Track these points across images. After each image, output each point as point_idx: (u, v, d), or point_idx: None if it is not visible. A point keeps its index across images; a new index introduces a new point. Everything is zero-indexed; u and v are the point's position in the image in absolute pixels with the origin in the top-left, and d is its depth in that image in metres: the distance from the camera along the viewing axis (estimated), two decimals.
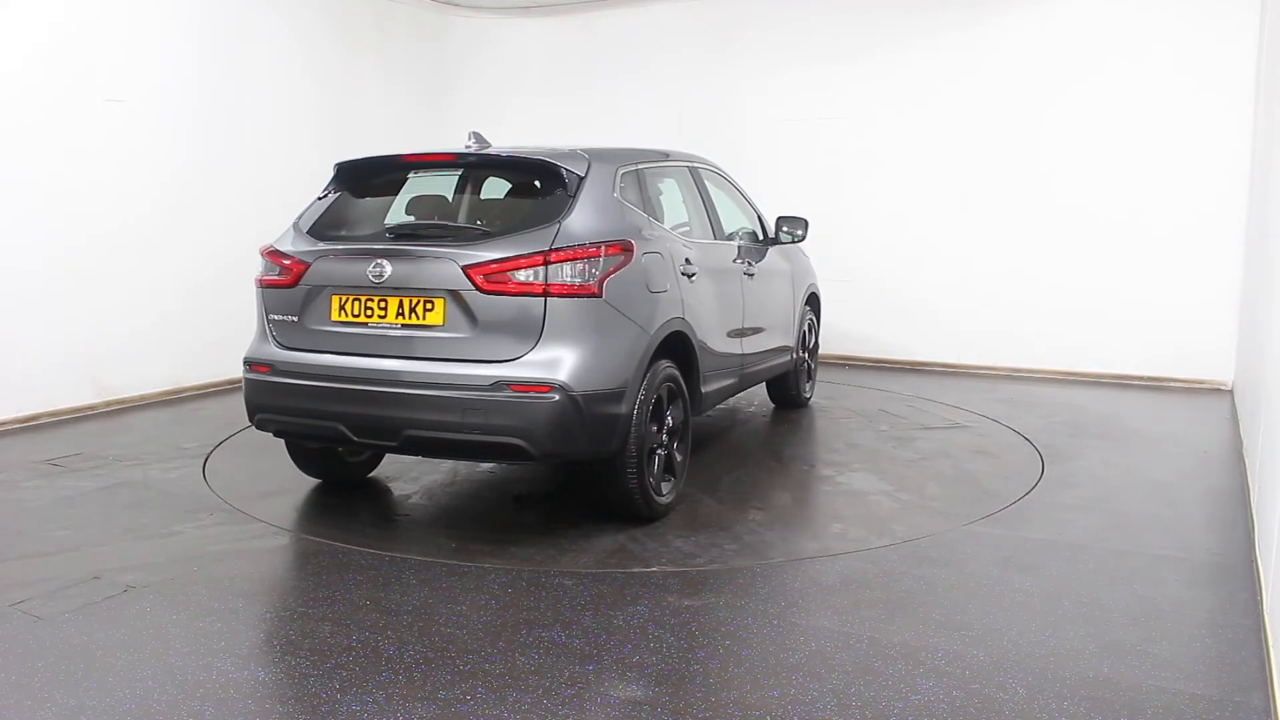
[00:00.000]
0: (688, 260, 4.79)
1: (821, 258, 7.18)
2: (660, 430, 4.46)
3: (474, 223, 4.60)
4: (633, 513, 4.36)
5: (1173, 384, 7.73)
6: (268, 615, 3.50)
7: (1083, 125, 7.84)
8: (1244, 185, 7.29)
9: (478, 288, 3.99)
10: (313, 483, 5.04)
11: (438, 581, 3.73)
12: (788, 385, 6.75)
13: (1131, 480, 5.16)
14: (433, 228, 4.49)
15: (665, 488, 4.51)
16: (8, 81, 6.14)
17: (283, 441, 4.84)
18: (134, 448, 5.74)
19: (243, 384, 4.50)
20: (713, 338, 5.01)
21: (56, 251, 6.45)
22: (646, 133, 8.83)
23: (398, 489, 5.09)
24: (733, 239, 5.83)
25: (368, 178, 4.77)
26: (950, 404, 7.03)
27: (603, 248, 4.13)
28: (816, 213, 7.12)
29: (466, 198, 4.87)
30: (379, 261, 4.13)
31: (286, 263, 4.38)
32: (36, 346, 6.37)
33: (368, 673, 2.98)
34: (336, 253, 4.31)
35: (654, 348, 4.32)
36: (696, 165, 5.70)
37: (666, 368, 4.46)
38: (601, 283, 4.08)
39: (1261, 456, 4.14)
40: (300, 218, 4.64)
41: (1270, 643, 3.06)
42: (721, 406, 6.95)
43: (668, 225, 5.07)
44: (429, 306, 4.08)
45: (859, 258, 8.59)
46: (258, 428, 4.52)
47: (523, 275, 3.98)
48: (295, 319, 4.35)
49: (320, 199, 4.71)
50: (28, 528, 4.36)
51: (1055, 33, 7.90)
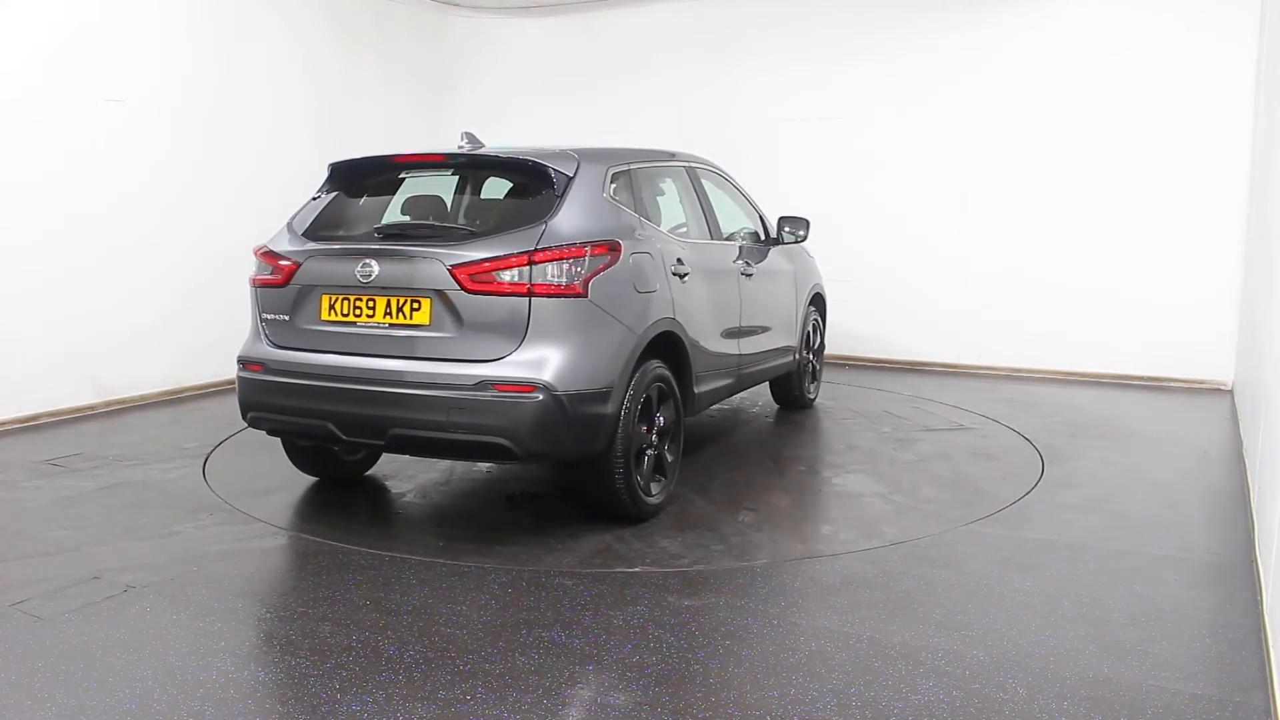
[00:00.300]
0: (680, 260, 4.77)
1: (822, 258, 7.18)
2: (650, 430, 4.45)
3: (462, 223, 4.61)
4: (621, 513, 4.36)
5: (1173, 384, 7.73)
6: (268, 615, 3.50)
7: (1083, 125, 7.85)
8: (1244, 185, 7.29)
9: (463, 287, 3.99)
10: (312, 482, 5.06)
11: (438, 581, 3.73)
12: (791, 386, 6.71)
13: (1131, 480, 5.16)
14: (420, 228, 4.49)
15: (655, 488, 4.50)
16: (8, 81, 6.14)
17: (281, 441, 4.86)
18: (134, 448, 5.75)
19: (236, 382, 4.54)
20: (706, 338, 5.00)
21: (56, 251, 6.46)
22: (646, 133, 8.84)
23: (394, 487, 5.10)
24: (733, 239, 5.82)
25: (360, 178, 4.79)
26: (953, 405, 7.02)
27: (588, 248, 4.12)
28: (816, 213, 7.12)
29: (456, 198, 4.89)
30: (367, 261, 4.15)
31: (278, 262, 4.42)
32: (36, 346, 6.38)
33: (368, 673, 2.98)
34: (326, 253, 4.33)
35: (642, 348, 4.31)
36: (694, 165, 5.69)
37: (656, 368, 4.45)
38: (587, 283, 4.07)
39: (1261, 456, 4.14)
40: (294, 218, 4.66)
41: (1270, 643, 3.06)
42: (724, 407, 6.95)
43: (664, 225, 5.07)
44: (416, 306, 4.09)
45: (859, 258, 8.59)
46: (250, 425, 4.56)
47: (507, 275, 3.98)
48: (287, 318, 4.38)
49: (314, 199, 4.73)
50: (28, 528, 4.36)
51: (1055, 33, 7.90)
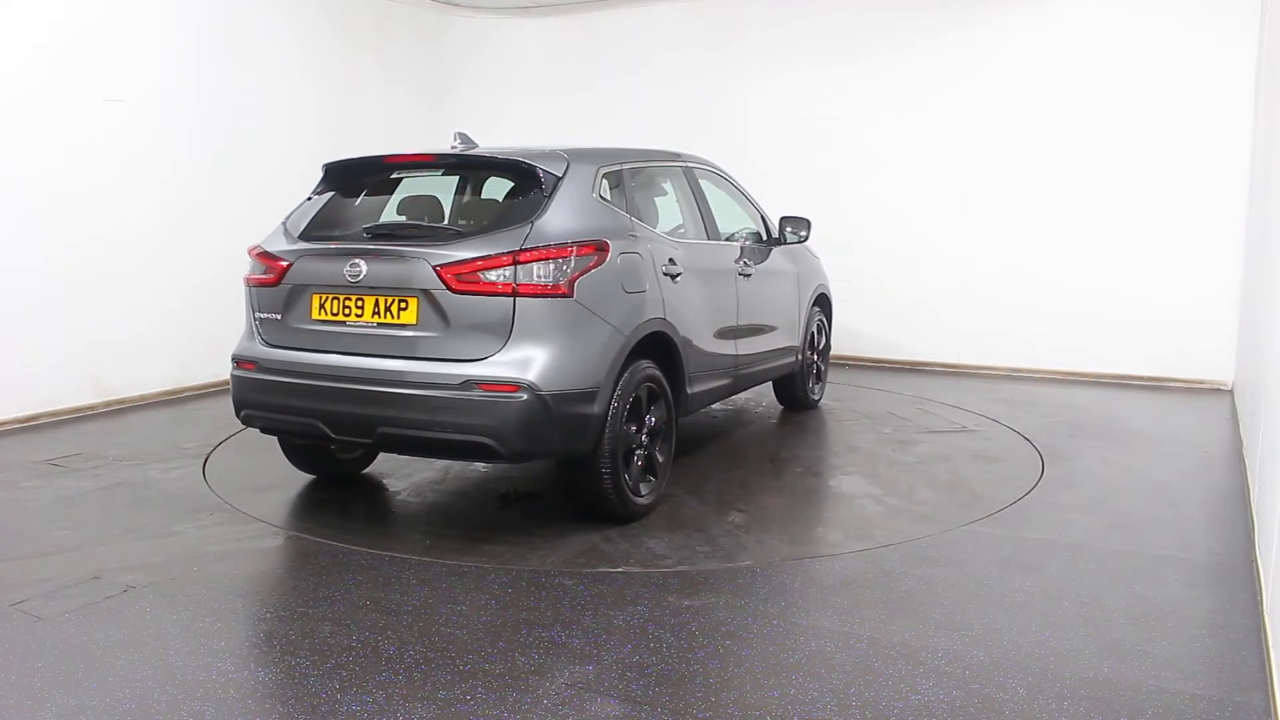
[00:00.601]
0: (671, 260, 4.76)
1: (822, 257, 7.18)
2: (640, 431, 4.45)
3: (451, 223, 4.62)
4: (609, 513, 4.36)
5: (1173, 384, 7.73)
6: (268, 615, 3.50)
7: (1083, 125, 7.84)
8: (1244, 185, 7.29)
9: (449, 287, 4.01)
10: (312, 482, 5.06)
11: (438, 581, 3.73)
12: (794, 387, 6.69)
13: (1131, 480, 5.16)
14: (408, 228, 4.52)
15: (645, 489, 4.49)
16: (8, 81, 6.14)
17: (278, 439, 4.89)
18: (134, 448, 5.75)
19: (230, 380, 4.57)
20: (700, 338, 4.98)
21: (56, 251, 6.45)
22: (646, 133, 8.84)
23: (390, 485, 5.12)
24: (733, 239, 5.82)
25: (352, 178, 4.82)
26: (956, 406, 7.00)
27: (574, 248, 4.12)
28: (816, 213, 7.11)
29: (446, 198, 4.90)
30: (355, 261, 4.18)
31: (271, 262, 4.45)
32: (36, 346, 6.38)
33: (368, 673, 2.98)
34: (317, 252, 4.36)
35: (630, 348, 4.30)
36: (692, 165, 5.67)
37: (646, 368, 4.44)
38: (573, 283, 4.07)
39: (1261, 456, 4.14)
40: (289, 218, 4.70)
41: (1270, 643, 3.06)
42: (727, 407, 6.95)
43: (660, 225, 5.07)
44: (403, 306, 4.11)
45: (859, 257, 8.59)
46: (244, 423, 4.60)
47: (493, 275, 3.99)
48: (279, 317, 4.42)
49: (309, 199, 4.77)
50: (28, 528, 4.36)
51: (1055, 33, 7.90)
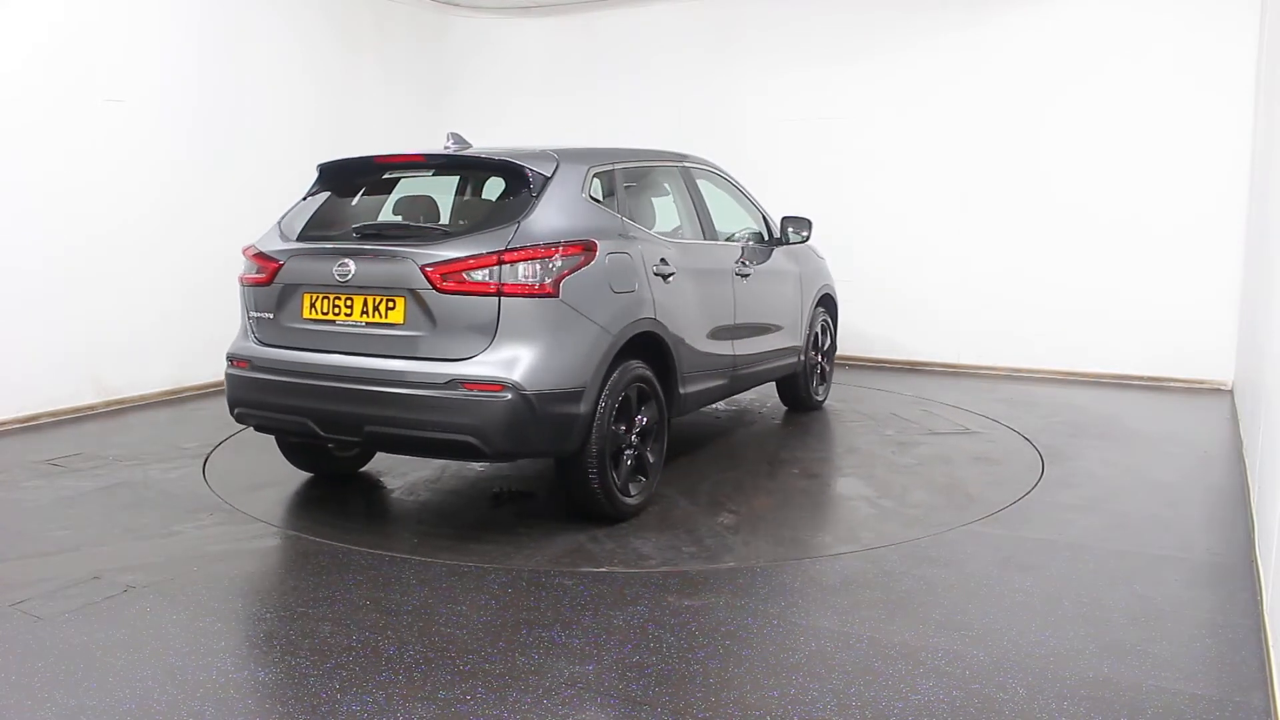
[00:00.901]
0: (663, 260, 4.75)
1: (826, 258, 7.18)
2: (630, 431, 4.44)
3: (440, 223, 4.64)
4: (598, 513, 4.36)
5: (1173, 384, 7.72)
6: (268, 615, 3.50)
7: (1083, 125, 7.84)
8: (1244, 185, 7.29)
9: (435, 287, 4.02)
10: (311, 481, 5.07)
11: (438, 581, 3.73)
12: (797, 387, 6.67)
13: (1131, 480, 5.16)
14: (396, 228, 4.55)
15: (635, 489, 4.48)
16: (8, 81, 6.14)
17: (275, 438, 4.92)
18: (134, 448, 5.75)
19: (225, 379, 4.60)
20: (693, 338, 4.98)
21: (56, 251, 6.45)
22: (646, 133, 8.83)
23: (388, 483, 5.14)
24: (733, 239, 5.82)
25: (345, 179, 4.84)
26: (958, 407, 6.97)
27: (560, 248, 4.13)
28: (816, 213, 7.10)
29: (444, 199, 4.91)
30: (344, 261, 4.21)
31: (264, 262, 4.48)
32: (36, 346, 6.38)
33: (368, 673, 2.98)
34: (308, 252, 4.39)
35: (617, 348, 4.30)
36: (689, 165, 5.66)
37: (637, 368, 4.44)
38: (558, 283, 4.08)
39: (1261, 456, 4.14)
40: (283, 218, 4.74)
41: (1270, 643, 3.06)
42: (730, 408, 6.95)
43: (655, 225, 5.07)
44: (391, 305, 4.13)
45: (859, 257, 8.58)
46: (237, 421, 4.64)
47: (478, 275, 4.00)
48: (271, 316, 4.44)
49: (303, 199, 4.80)
50: (28, 528, 4.36)
51: (1055, 33, 7.90)
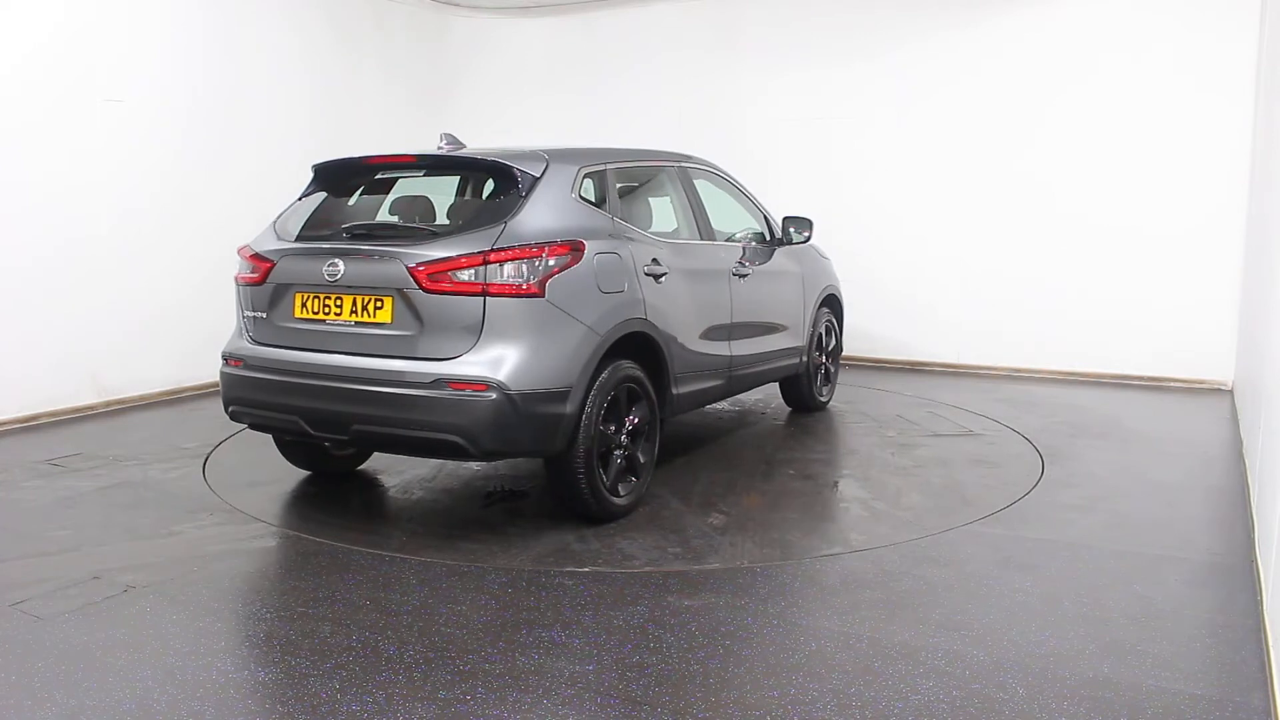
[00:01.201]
0: (655, 260, 4.74)
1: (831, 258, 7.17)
2: (619, 431, 4.44)
3: (427, 223, 4.66)
4: (585, 512, 4.37)
5: (1173, 384, 7.72)
6: (268, 615, 3.50)
7: (1083, 126, 7.84)
8: (1244, 186, 7.29)
9: (422, 287, 4.04)
10: (309, 479, 5.08)
11: (438, 581, 3.73)
12: (800, 388, 6.64)
13: (1131, 480, 5.16)
14: (385, 228, 4.58)
15: (624, 489, 4.48)
16: (8, 81, 6.14)
17: (272, 437, 4.95)
18: (134, 448, 5.75)
19: (219, 377, 4.63)
20: (687, 338, 4.97)
21: (56, 251, 6.45)
22: (647, 133, 8.83)
23: (385, 481, 5.16)
24: (733, 240, 5.81)
25: (339, 179, 4.87)
26: (961, 408, 6.93)
27: (546, 248, 4.13)
28: (816, 213, 7.08)
29: (441, 199, 4.93)
30: (334, 261, 4.23)
31: (257, 261, 4.51)
32: (36, 346, 6.38)
33: (368, 673, 2.98)
34: (299, 252, 4.42)
35: (605, 348, 4.30)
36: (687, 165, 5.65)
37: (627, 368, 4.44)
38: (544, 283, 4.08)
39: (1261, 456, 4.14)
40: (278, 218, 4.77)
41: (1270, 643, 3.06)
42: (732, 408, 6.95)
43: (650, 225, 5.07)
44: (379, 305, 4.15)
45: (859, 258, 8.54)
46: (231, 419, 4.68)
47: (463, 275, 4.01)
48: (264, 315, 4.47)
49: (298, 200, 4.83)
50: (28, 528, 4.36)
51: (1054, 33, 7.90)
